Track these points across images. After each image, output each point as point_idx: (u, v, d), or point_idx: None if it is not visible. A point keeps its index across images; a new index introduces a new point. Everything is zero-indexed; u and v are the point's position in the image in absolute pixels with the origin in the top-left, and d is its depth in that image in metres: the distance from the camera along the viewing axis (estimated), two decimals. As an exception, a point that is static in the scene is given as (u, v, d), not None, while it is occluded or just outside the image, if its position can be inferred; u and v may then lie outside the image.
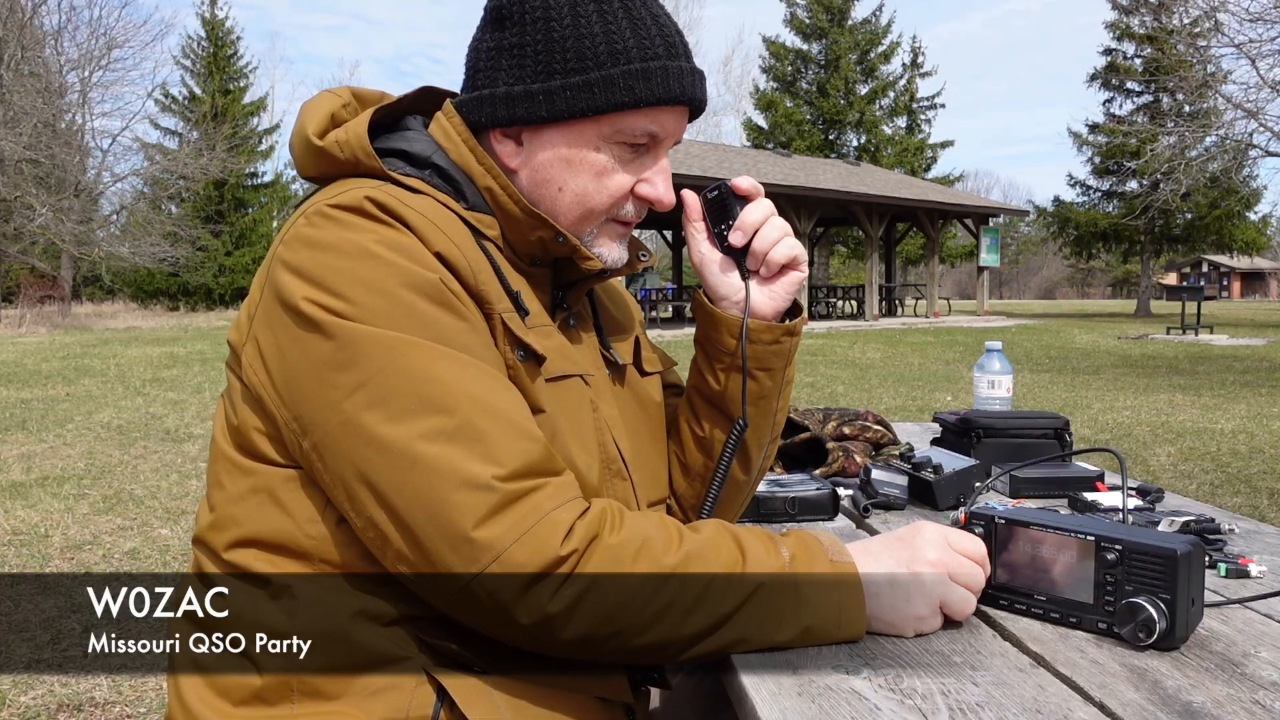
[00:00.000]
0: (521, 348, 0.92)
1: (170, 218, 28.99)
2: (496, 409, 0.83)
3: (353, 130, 0.95)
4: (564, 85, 0.95)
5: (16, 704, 2.61)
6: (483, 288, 0.91)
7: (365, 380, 0.81)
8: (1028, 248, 71.68)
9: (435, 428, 0.80)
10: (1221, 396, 9.17)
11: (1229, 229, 32.05)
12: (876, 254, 24.17)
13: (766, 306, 1.08)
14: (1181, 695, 0.77)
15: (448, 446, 0.80)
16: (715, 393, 1.11)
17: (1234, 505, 4.84)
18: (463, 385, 0.82)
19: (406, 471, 0.79)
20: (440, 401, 0.81)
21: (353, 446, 0.81)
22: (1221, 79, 20.64)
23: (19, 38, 23.49)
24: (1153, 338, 18.12)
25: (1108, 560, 0.89)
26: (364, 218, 0.87)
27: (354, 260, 0.85)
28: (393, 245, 0.86)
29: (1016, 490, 1.46)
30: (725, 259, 1.09)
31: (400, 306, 0.84)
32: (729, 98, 59.67)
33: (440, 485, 0.79)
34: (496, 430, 0.82)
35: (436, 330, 0.84)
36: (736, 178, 1.07)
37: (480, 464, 0.79)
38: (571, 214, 0.99)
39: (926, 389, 9.73)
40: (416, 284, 0.85)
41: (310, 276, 0.85)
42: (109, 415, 7.78)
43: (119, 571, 3.72)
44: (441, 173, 0.98)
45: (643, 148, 1.00)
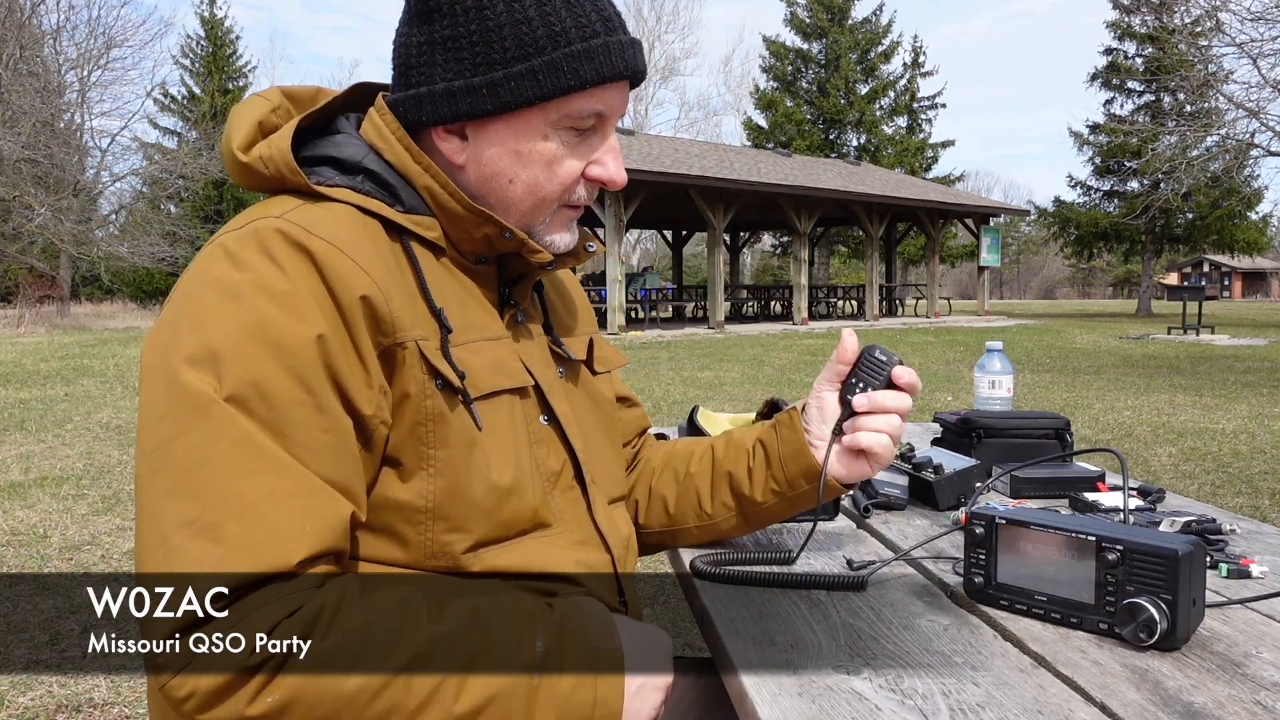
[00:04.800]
0: (438, 376, 0.89)
1: (169, 218, 28.98)
2: (257, 512, 0.78)
3: (276, 145, 0.92)
4: (506, 75, 0.92)
5: (15, 705, 2.60)
6: (398, 316, 0.88)
7: (161, 443, 0.79)
8: (1028, 247, 71.71)
9: (189, 516, 0.77)
10: (1223, 396, 9.17)
11: (1230, 229, 32.04)
12: (877, 254, 24.17)
13: (835, 468, 1.10)
14: (1183, 696, 0.77)
15: (191, 540, 0.76)
16: (748, 497, 1.14)
17: (1235, 505, 4.84)
18: (235, 481, 0.78)
19: (155, 548, 0.77)
20: (203, 491, 0.77)
21: (141, 499, 0.80)
22: (1223, 78, 20.66)
23: (17, 37, 23.48)
24: (1154, 338, 18.11)
25: (1109, 561, 0.89)
26: (258, 253, 0.84)
27: (223, 301, 0.82)
28: (268, 293, 0.82)
29: (1017, 490, 1.46)
30: (834, 404, 1.10)
31: (239, 360, 0.80)
32: (729, 97, 59.79)
33: (167, 579, 0.76)
34: (241, 536, 0.77)
35: (263, 396, 0.80)
36: (904, 367, 1.08)
37: (211, 568, 0.76)
38: (523, 205, 0.98)
39: (927, 389, 9.73)
40: (272, 340, 0.81)
41: (186, 307, 0.84)
42: (108, 415, 7.78)
43: (118, 571, 3.72)
44: (374, 177, 0.95)
45: (590, 129, 0.98)
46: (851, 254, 41.15)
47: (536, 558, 0.94)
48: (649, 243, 50.57)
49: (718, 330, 19.25)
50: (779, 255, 43.04)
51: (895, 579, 1.08)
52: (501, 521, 0.93)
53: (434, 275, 0.95)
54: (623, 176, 1.00)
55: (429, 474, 0.89)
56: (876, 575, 1.08)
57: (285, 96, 0.99)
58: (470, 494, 0.90)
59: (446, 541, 0.89)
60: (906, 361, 1.09)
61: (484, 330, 0.98)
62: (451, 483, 0.90)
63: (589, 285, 19.30)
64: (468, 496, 0.90)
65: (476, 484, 0.91)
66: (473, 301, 0.98)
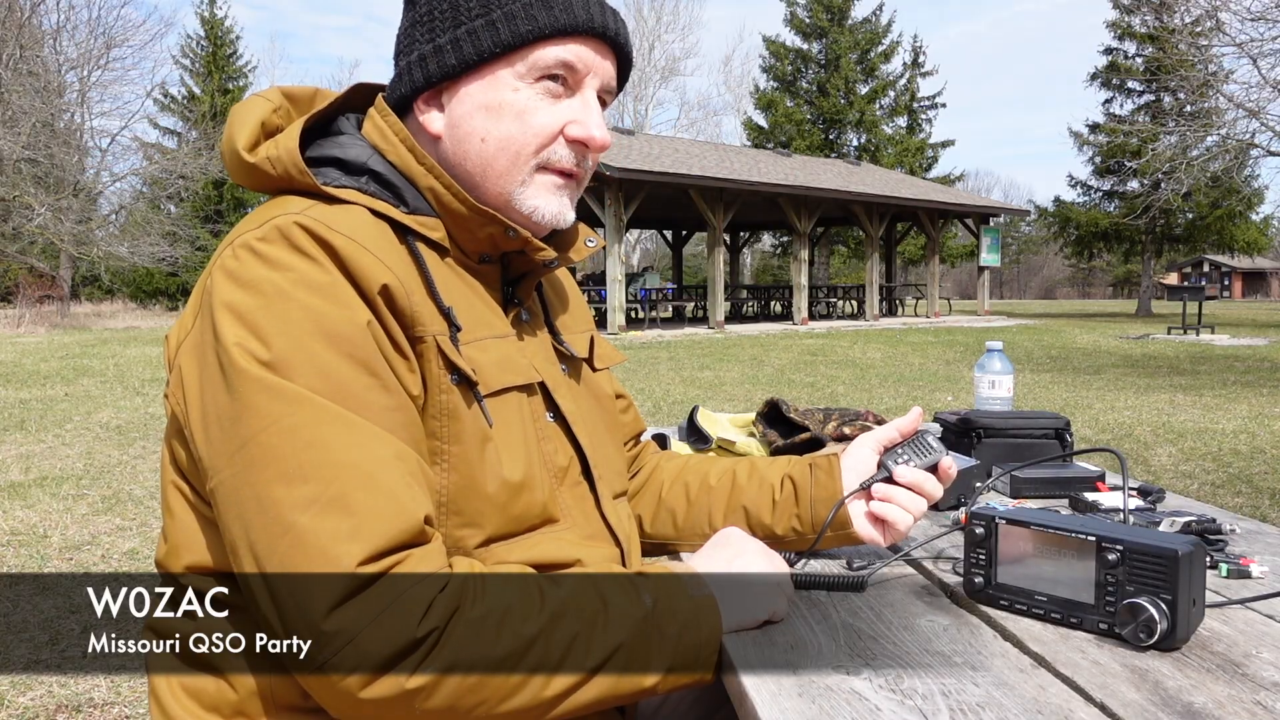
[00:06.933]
0: (455, 371, 0.91)
1: (169, 217, 28.98)
2: (376, 480, 0.80)
3: (284, 145, 0.93)
4: (469, 30, 0.95)
5: (15, 705, 2.60)
6: (417, 309, 0.89)
7: (254, 435, 0.80)
8: (1029, 247, 71.68)
9: (311, 495, 0.78)
10: (1223, 396, 9.17)
11: (1230, 229, 32.05)
12: (877, 254, 24.17)
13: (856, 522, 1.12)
14: (1183, 696, 0.77)
15: (319, 518, 0.77)
16: (766, 527, 1.15)
17: (1235, 505, 4.84)
18: (345, 453, 0.80)
19: (279, 538, 0.77)
20: (318, 467, 0.78)
21: (241, 499, 0.80)
22: (1223, 78, 20.65)
23: (17, 37, 23.47)
24: (1154, 338, 18.11)
25: (1109, 560, 0.89)
26: (288, 249, 0.85)
27: (271, 302, 0.83)
28: (312, 286, 0.84)
29: (1017, 490, 1.46)
30: (870, 464, 1.13)
31: (303, 355, 0.81)
32: (729, 97, 59.79)
33: (303, 560, 0.77)
34: (369, 505, 0.79)
35: (336, 384, 0.82)
36: (949, 460, 1.11)
37: (346, 543, 0.77)
38: (498, 163, 0.97)
39: (927, 389, 9.73)
40: (329, 332, 0.83)
41: (236, 315, 0.83)
42: (108, 415, 7.78)
43: (118, 572, 3.72)
44: (379, 178, 0.95)
45: (565, 86, 0.98)
46: (851, 254, 41.15)
47: (546, 552, 0.95)
48: (649, 243, 50.58)
49: (718, 330, 19.25)
50: (779, 255, 43.01)
51: (895, 579, 1.08)
52: (513, 516, 0.94)
53: (440, 275, 0.95)
54: (604, 136, 0.99)
55: (443, 469, 0.90)
56: (876, 575, 1.08)
57: (285, 97, 1.00)
58: (483, 489, 0.92)
59: (459, 537, 0.91)
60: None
61: (490, 329, 0.98)
62: (465, 478, 0.91)
63: (589, 285, 19.31)
64: (481, 491, 0.91)
65: (489, 479, 0.92)
66: (478, 301, 0.99)
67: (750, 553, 1.00)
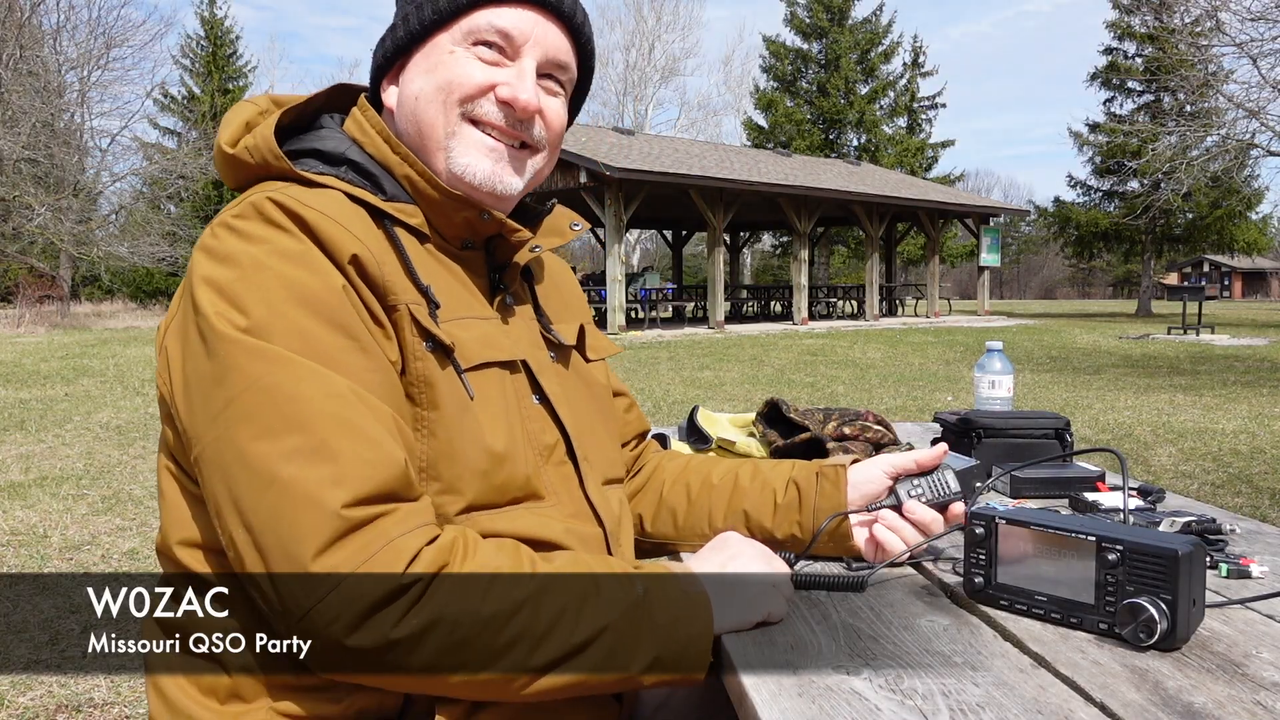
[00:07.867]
0: (429, 338, 0.93)
1: (169, 217, 28.96)
2: (358, 429, 0.81)
3: (259, 134, 0.97)
4: (416, 5, 1.02)
5: (15, 705, 2.60)
6: (389, 279, 0.92)
7: (236, 395, 0.81)
8: (1028, 247, 71.69)
9: (294, 447, 0.79)
10: (1223, 396, 9.17)
11: (1230, 229, 32.05)
12: (877, 254, 24.17)
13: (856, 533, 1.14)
14: (1183, 696, 0.77)
15: (303, 467, 0.78)
16: (766, 530, 1.16)
17: (1235, 505, 4.84)
18: (326, 404, 0.81)
19: (263, 491, 0.78)
20: (300, 420, 0.80)
21: (225, 461, 0.81)
22: (1223, 78, 20.64)
23: (17, 37, 23.47)
24: (1154, 338, 18.11)
25: (1109, 560, 0.89)
26: (262, 223, 0.88)
27: (248, 273, 0.85)
28: (287, 255, 0.87)
29: (1017, 490, 1.46)
30: (881, 485, 1.14)
31: (281, 321, 0.83)
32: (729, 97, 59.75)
33: (290, 509, 0.77)
34: (352, 451, 0.80)
35: (314, 346, 0.84)
36: (962, 504, 1.12)
37: (331, 488, 0.78)
38: (429, 113, 1.01)
39: (927, 389, 9.73)
40: (304, 297, 0.85)
41: (215, 288, 0.86)
42: (108, 415, 7.78)
43: (118, 572, 3.72)
44: (357, 167, 0.99)
45: (503, 55, 1.02)
46: (851, 254, 41.16)
47: (529, 526, 0.96)
48: (649, 243, 50.56)
49: (718, 330, 19.25)
50: (779, 255, 43.02)
51: (895, 579, 1.08)
52: (494, 486, 0.94)
53: (420, 260, 0.98)
54: (532, 99, 1.02)
55: (422, 435, 0.91)
56: (876, 575, 1.08)
57: (273, 103, 1.04)
58: (463, 454, 0.92)
59: (440, 504, 0.91)
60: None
61: (472, 310, 1.01)
62: (444, 443, 0.92)
63: (589, 285, 19.30)
64: (460, 457, 0.92)
65: (469, 445, 0.93)
66: (459, 285, 1.01)
67: (747, 555, 1.00)
